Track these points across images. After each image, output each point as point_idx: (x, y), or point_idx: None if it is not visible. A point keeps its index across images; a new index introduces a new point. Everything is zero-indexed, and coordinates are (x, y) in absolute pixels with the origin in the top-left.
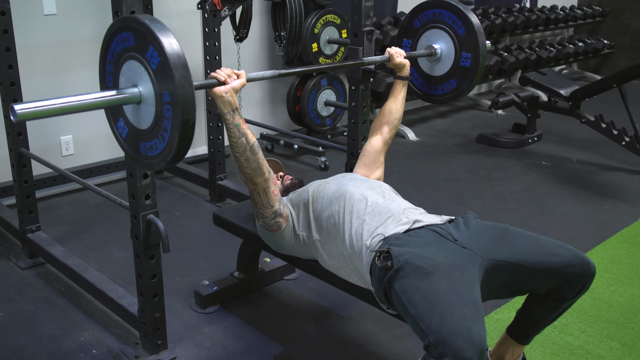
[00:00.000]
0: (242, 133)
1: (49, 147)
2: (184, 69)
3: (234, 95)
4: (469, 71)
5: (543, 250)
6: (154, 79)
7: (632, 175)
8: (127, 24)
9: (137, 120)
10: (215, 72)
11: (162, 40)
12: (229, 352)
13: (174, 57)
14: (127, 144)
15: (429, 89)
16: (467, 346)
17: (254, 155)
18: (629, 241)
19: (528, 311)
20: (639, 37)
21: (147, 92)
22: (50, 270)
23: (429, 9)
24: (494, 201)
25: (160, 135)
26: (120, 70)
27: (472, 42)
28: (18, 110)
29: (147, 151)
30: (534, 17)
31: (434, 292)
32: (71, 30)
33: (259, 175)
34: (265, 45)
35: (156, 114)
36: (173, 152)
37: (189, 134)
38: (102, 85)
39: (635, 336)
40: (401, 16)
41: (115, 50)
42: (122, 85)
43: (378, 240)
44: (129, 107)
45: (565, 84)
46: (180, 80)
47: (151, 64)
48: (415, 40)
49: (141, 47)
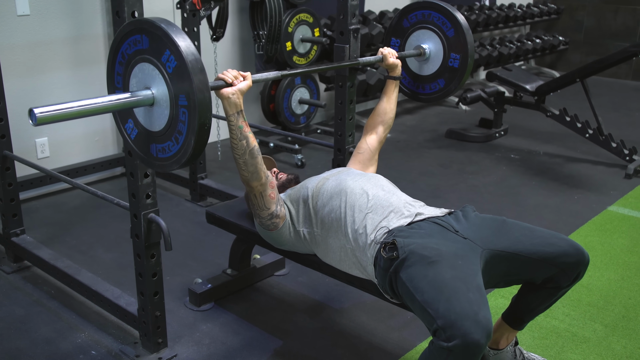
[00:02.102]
0: (243, 135)
1: (24, 149)
2: (202, 73)
3: (240, 97)
4: (457, 71)
5: (539, 241)
6: (169, 83)
7: (596, 166)
8: (142, 27)
9: (149, 122)
10: (222, 73)
11: (180, 44)
12: (229, 348)
13: (193, 61)
14: (137, 145)
15: (416, 87)
16: (474, 328)
17: (252, 159)
18: (600, 229)
19: (524, 298)
20: (592, 33)
21: (161, 94)
22: (37, 273)
23: (418, 10)
24: (469, 194)
25: (174, 137)
26: (131, 72)
27: (461, 43)
28: (38, 114)
29: (159, 153)
30: (495, 15)
31: (439, 279)
32: (45, 31)
33: (255, 180)
34: (238, 44)
35: (170, 117)
36: (188, 155)
37: (205, 137)
38: (110, 85)
39: (616, 317)
40: (369, 14)
41: (127, 52)
42: (132, 87)
43: (383, 233)
44: (140, 108)
45: (530, 80)
46: (198, 85)
47: (167, 67)
48: (404, 40)
49: (156, 50)
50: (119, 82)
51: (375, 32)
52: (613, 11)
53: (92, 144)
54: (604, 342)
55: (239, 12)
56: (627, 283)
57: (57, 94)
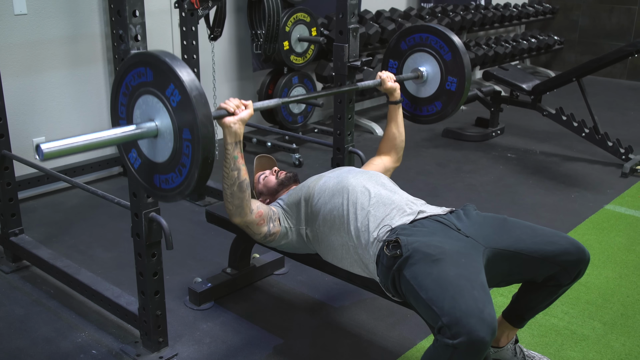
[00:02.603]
0: (236, 166)
1: (21, 149)
2: (206, 107)
3: (241, 127)
4: (454, 95)
5: (541, 239)
6: (173, 116)
7: (593, 165)
8: (146, 60)
9: (153, 153)
10: (224, 103)
11: (184, 79)
12: (229, 347)
13: (197, 96)
14: (140, 175)
15: (414, 109)
16: (479, 326)
17: (240, 192)
18: (597, 227)
19: (525, 297)
20: (587, 33)
21: (165, 127)
22: (36, 273)
23: (416, 33)
24: (466, 193)
25: (178, 170)
26: (134, 104)
27: (458, 67)
28: (45, 150)
29: (162, 183)
30: (490, 15)
31: (444, 277)
32: (42, 30)
33: (238, 216)
34: (235, 43)
35: (174, 150)
36: (191, 187)
37: (208, 170)
38: (114, 115)
39: (614, 315)
40: (366, 14)
41: (130, 84)
42: (136, 118)
43: (385, 231)
44: (144, 140)
45: (527, 79)
46: (202, 120)
47: (171, 101)
48: (402, 62)
49: (160, 84)
50: (123, 112)
51: (372, 32)
52: (608, 11)
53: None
54: (603, 339)
55: (237, 12)
56: (625, 281)
57: (54, 93)
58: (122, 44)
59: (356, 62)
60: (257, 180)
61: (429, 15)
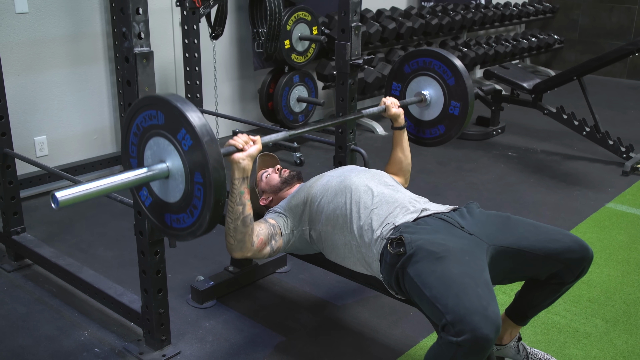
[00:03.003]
0: (242, 201)
1: (22, 148)
2: (217, 153)
3: (250, 163)
4: (458, 119)
5: (544, 237)
6: (184, 159)
7: (594, 164)
8: (157, 104)
9: (164, 193)
10: (233, 139)
11: (195, 125)
12: (232, 345)
13: (209, 142)
14: (151, 213)
15: (417, 132)
16: (484, 323)
17: (244, 226)
18: (598, 225)
19: (528, 294)
20: (587, 32)
21: (176, 168)
22: (38, 271)
23: (419, 57)
24: (468, 191)
25: (189, 211)
26: (145, 144)
27: (461, 91)
28: (60, 198)
29: (174, 223)
30: (490, 14)
31: (447, 274)
32: (44, 28)
33: (239, 250)
34: (236, 42)
35: (186, 191)
36: (203, 229)
37: (220, 212)
38: (124, 153)
39: (617, 313)
40: (366, 13)
41: (142, 125)
42: (147, 158)
43: (389, 229)
44: (156, 180)
45: (528, 78)
46: (214, 165)
47: (182, 145)
48: (405, 85)
49: (172, 127)
50: (134, 152)
51: (372, 31)
52: (608, 10)
53: (91, 142)
54: (606, 337)
55: (238, 10)
56: (626, 279)
57: (55, 92)
58: (125, 42)
59: (358, 60)
60: (259, 178)
61: (429, 14)
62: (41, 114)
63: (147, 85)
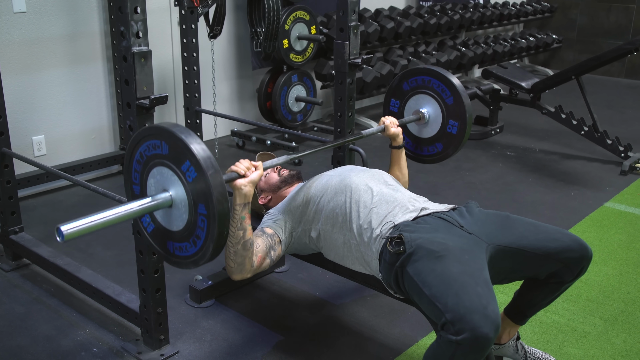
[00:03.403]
0: (243, 226)
1: (20, 147)
2: (222, 186)
3: (252, 189)
4: (455, 138)
5: (543, 236)
6: (188, 190)
7: (592, 163)
8: (161, 134)
9: (167, 221)
10: (235, 165)
11: (200, 158)
12: (230, 344)
13: (213, 174)
14: (153, 239)
15: (415, 149)
16: (483, 322)
17: (244, 250)
18: (597, 224)
19: (527, 294)
20: (585, 31)
21: (180, 198)
22: (36, 271)
23: (418, 75)
24: (466, 191)
25: (192, 240)
26: (149, 173)
27: (460, 111)
28: (65, 232)
29: (176, 250)
30: (489, 13)
31: (447, 273)
32: (42, 28)
33: (238, 273)
34: (235, 42)
35: (189, 221)
36: (206, 258)
37: (223, 243)
38: (127, 180)
39: (615, 312)
40: (365, 12)
41: (145, 153)
42: (150, 187)
43: (388, 228)
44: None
45: (526, 77)
46: (218, 197)
47: (187, 176)
48: (403, 103)
49: (176, 158)
50: (136, 179)
51: (371, 30)
52: (606, 9)
53: (89, 141)
54: (604, 336)
55: (236, 10)
56: (625, 278)
57: (54, 91)
58: (124, 41)
59: (357, 59)
60: None
61: (427, 14)
62: (39, 113)
63: (145, 84)
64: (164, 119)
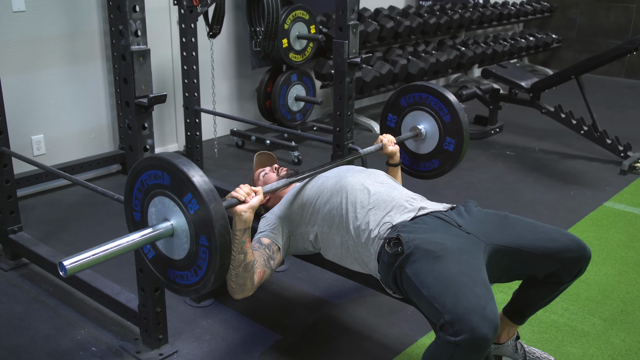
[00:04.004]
0: (243, 250)
1: (20, 146)
2: (224, 218)
3: (252, 214)
4: (452, 155)
5: (542, 236)
6: (190, 222)
7: (592, 162)
8: (163, 165)
9: (168, 250)
10: (235, 191)
11: (201, 190)
12: (229, 344)
13: (215, 207)
14: (154, 266)
15: (412, 164)
16: (482, 323)
17: (245, 272)
18: (596, 224)
19: (526, 293)
20: (585, 31)
21: (181, 228)
22: (35, 270)
23: (416, 92)
24: (466, 190)
25: (194, 270)
26: (150, 201)
27: (457, 129)
28: (68, 266)
29: (177, 278)
30: (488, 13)
31: (445, 274)
32: (41, 27)
33: (240, 292)
34: (234, 41)
35: (190, 251)
36: (207, 288)
37: (224, 274)
38: (127, 207)
39: (614, 312)
40: (364, 12)
41: (146, 182)
42: (151, 215)
43: (386, 229)
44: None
45: (525, 76)
46: (220, 230)
47: (188, 208)
48: (400, 118)
49: (178, 190)
50: (137, 206)
51: (370, 30)
52: (605, 9)
53: (89, 141)
54: (603, 336)
55: (236, 9)
56: (624, 278)
57: (53, 90)
58: (122, 40)
59: (356, 58)
60: (256, 177)
61: (427, 14)
62: (38, 112)
63: (144, 83)
64: (164, 118)
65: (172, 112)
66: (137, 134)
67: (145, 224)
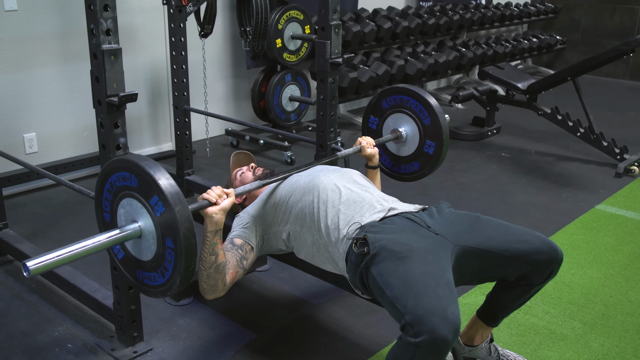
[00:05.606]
0: (215, 252)
1: (11, 145)
2: (189, 221)
3: (223, 216)
4: (432, 158)
5: (512, 238)
6: (157, 224)
7: (587, 165)
8: (130, 167)
9: (136, 251)
10: (206, 193)
11: (167, 193)
12: (204, 342)
13: (180, 210)
14: (123, 266)
15: (392, 166)
16: (442, 324)
17: (216, 273)
18: (586, 227)
19: (498, 296)
20: (590, 32)
21: (148, 230)
22: (18, 267)
23: (397, 94)
24: (457, 191)
25: (161, 271)
26: (119, 203)
27: (437, 132)
28: (31, 267)
29: (145, 279)
30: (490, 14)
31: (409, 275)
32: (33, 26)
33: (212, 294)
34: (228, 41)
35: (157, 253)
36: (174, 289)
37: (190, 276)
38: (98, 207)
39: (595, 316)
40: (362, 12)
41: (115, 184)
42: (120, 217)
43: (355, 229)
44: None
45: (522, 78)
46: (185, 233)
47: (155, 210)
48: (382, 120)
49: (145, 192)
50: (107, 207)
51: (367, 30)
52: (610, 10)
53: (81, 139)
54: (582, 340)
55: (232, 9)
56: (609, 281)
57: (45, 89)
58: (94, 38)
59: (338, 58)
60: (233, 176)
61: (427, 14)
62: (31, 111)
63: (116, 82)
64: (158, 118)
65: (166, 112)
66: (109, 132)
67: (115, 225)
